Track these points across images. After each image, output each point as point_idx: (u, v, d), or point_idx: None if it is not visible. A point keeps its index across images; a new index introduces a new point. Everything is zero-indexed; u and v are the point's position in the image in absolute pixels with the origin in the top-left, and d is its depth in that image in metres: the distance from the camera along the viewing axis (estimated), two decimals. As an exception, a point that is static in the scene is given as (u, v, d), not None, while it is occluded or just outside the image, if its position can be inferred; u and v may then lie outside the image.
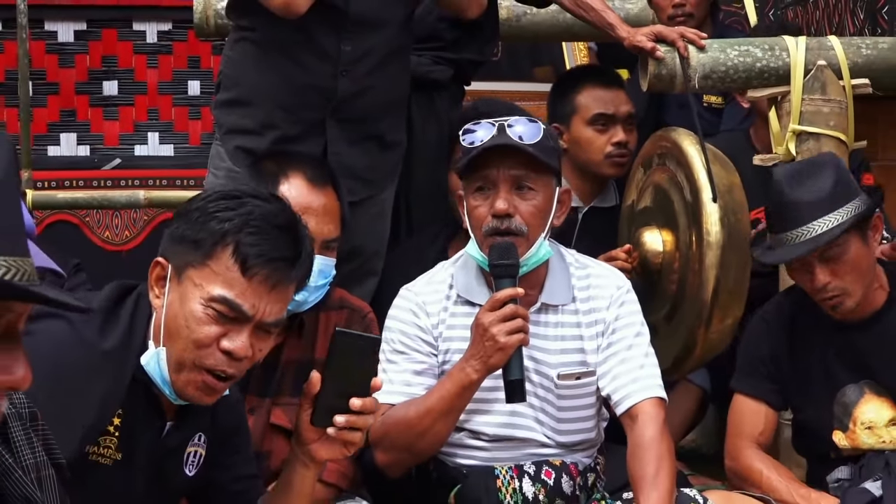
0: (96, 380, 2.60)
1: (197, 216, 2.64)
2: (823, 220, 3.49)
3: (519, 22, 4.94)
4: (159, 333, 2.63)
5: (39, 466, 2.25)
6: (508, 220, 3.30)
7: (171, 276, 2.64)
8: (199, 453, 2.86)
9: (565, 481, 3.42)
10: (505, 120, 3.34)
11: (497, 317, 3.18)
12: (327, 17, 3.80)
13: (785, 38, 4.21)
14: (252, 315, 2.60)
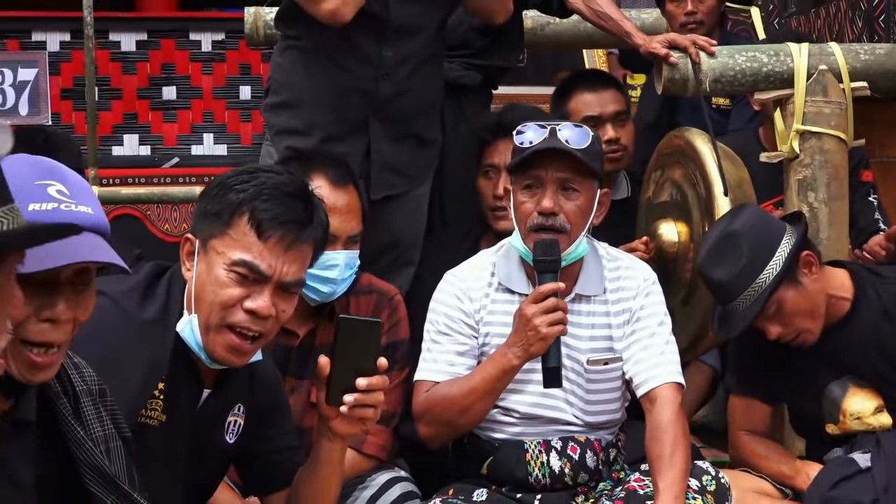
0: (141, 348, 2.63)
1: (216, 191, 2.70)
2: (746, 294, 3.48)
3: (543, 31, 4.93)
4: (191, 303, 2.67)
5: (108, 438, 2.27)
6: (553, 217, 3.29)
7: (199, 249, 2.68)
8: (239, 423, 2.87)
9: (589, 456, 3.41)
10: (556, 124, 3.35)
11: (540, 309, 3.18)
12: (370, 25, 3.79)
13: (789, 44, 4.20)
14: (270, 275, 2.63)
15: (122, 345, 2.57)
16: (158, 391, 2.66)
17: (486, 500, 3.37)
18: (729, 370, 3.90)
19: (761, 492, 3.55)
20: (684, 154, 4.21)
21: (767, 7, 6.12)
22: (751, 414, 3.76)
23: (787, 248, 3.49)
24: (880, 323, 3.62)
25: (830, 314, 3.59)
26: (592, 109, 4.43)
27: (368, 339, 2.68)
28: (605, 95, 4.50)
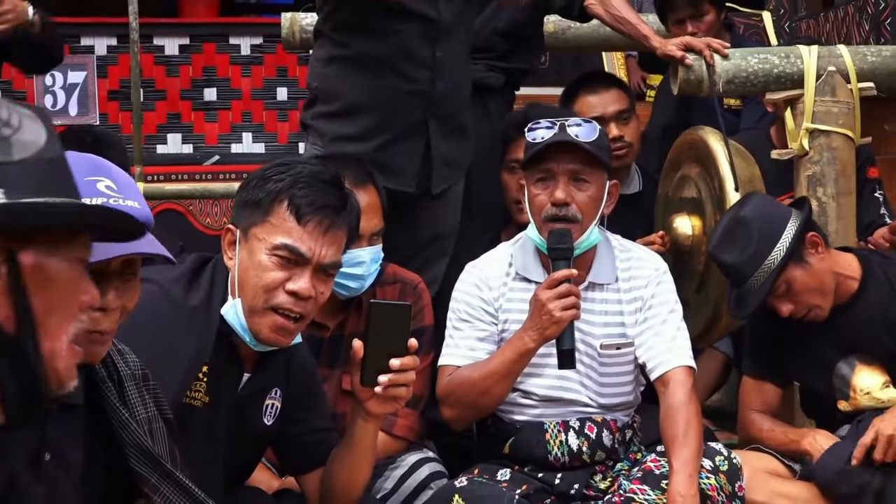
0: (187, 333, 2.66)
1: (255, 182, 2.73)
2: (757, 275, 3.47)
3: (564, 34, 4.92)
4: (234, 286, 2.71)
5: (151, 420, 2.28)
6: (566, 208, 3.31)
7: (240, 238, 2.72)
8: (276, 406, 2.89)
9: (606, 435, 3.42)
10: (565, 120, 3.37)
11: (554, 294, 3.19)
12: (422, 29, 3.79)
13: (799, 46, 4.19)
14: (310, 257, 2.67)
15: (169, 330, 2.60)
16: (203, 374, 2.69)
17: (509, 479, 3.37)
18: (744, 354, 3.88)
19: (772, 471, 3.54)
20: (699, 151, 4.20)
21: (778, 11, 6.10)
22: (762, 395, 3.74)
23: (793, 230, 3.49)
24: (888, 302, 3.61)
25: (839, 294, 3.59)
26: (595, 110, 4.42)
27: (399, 322, 2.70)
28: (607, 96, 4.49)
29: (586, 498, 3.38)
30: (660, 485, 3.25)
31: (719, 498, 3.27)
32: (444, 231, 4.00)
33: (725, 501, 3.28)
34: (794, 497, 3.48)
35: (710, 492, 3.25)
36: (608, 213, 3.47)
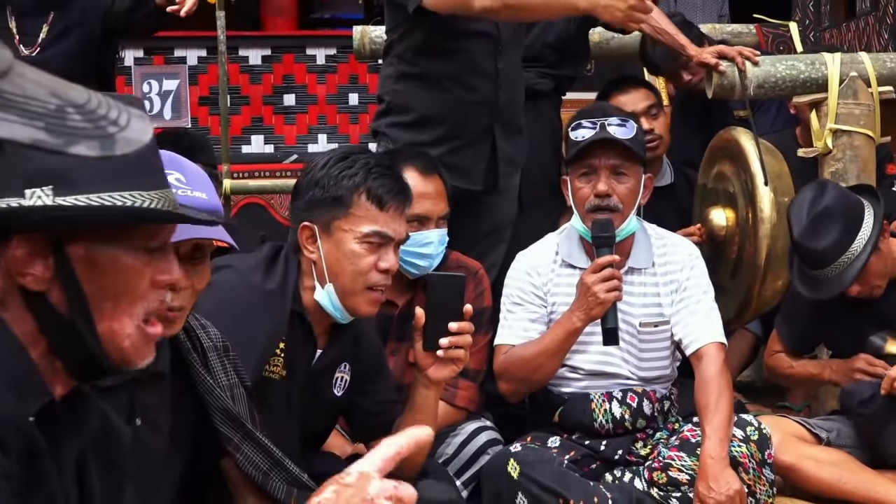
0: (265, 312, 2.68)
1: (326, 181, 2.74)
2: (839, 262, 3.46)
3: (608, 45, 4.90)
4: (322, 276, 2.73)
5: (232, 386, 2.30)
6: (608, 199, 3.32)
7: (320, 233, 2.73)
8: (345, 379, 2.91)
9: (646, 404, 3.43)
10: (605, 119, 3.36)
11: (598, 278, 3.19)
12: (485, 45, 3.78)
13: (823, 54, 4.17)
14: (394, 237, 2.73)
15: (249, 311, 2.62)
16: (280, 350, 2.71)
17: (558, 445, 3.38)
18: (777, 319, 3.88)
19: (799, 436, 3.53)
20: (731, 150, 4.19)
21: (804, 22, 6.05)
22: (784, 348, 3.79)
23: (872, 219, 3.50)
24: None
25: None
26: (626, 108, 4.39)
27: (455, 291, 2.73)
28: (635, 95, 4.45)
29: (628, 463, 3.38)
30: (695, 452, 3.24)
31: (750, 464, 3.26)
32: (502, 221, 4.00)
33: (756, 468, 3.27)
34: (819, 459, 3.46)
35: (741, 459, 3.24)
36: (644, 203, 3.47)
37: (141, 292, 1.47)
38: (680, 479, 3.24)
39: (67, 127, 0.72)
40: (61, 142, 0.71)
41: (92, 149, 0.72)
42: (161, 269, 1.48)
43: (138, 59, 6.21)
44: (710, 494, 3.12)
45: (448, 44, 3.77)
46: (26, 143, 0.70)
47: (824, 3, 6.07)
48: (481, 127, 3.82)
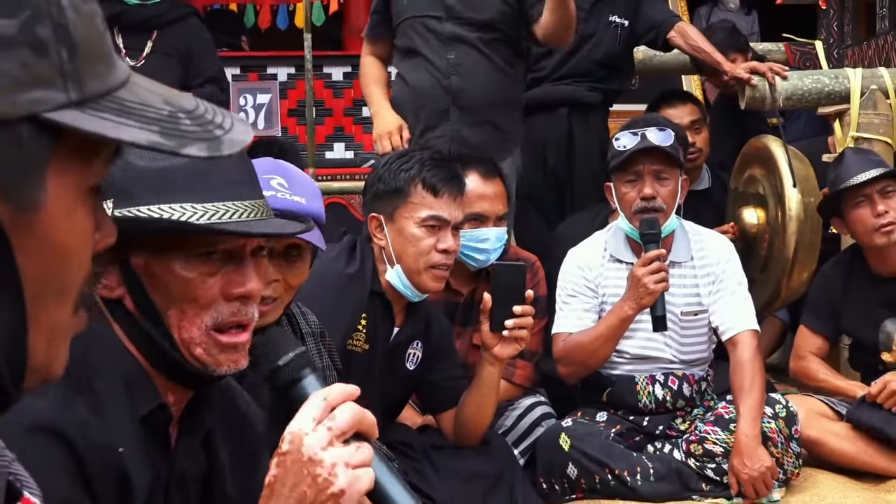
0: (347, 293, 2.73)
1: (387, 176, 2.79)
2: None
3: (651, 61, 4.87)
4: (392, 258, 2.78)
5: (325, 368, 2.31)
6: (653, 200, 3.29)
7: (385, 222, 2.78)
8: (417, 355, 2.93)
9: (685, 387, 3.40)
10: (646, 129, 3.34)
11: (648, 270, 3.17)
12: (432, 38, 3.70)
13: (846, 69, 4.15)
14: (450, 220, 2.76)
15: (334, 292, 2.67)
16: (362, 326, 2.75)
17: (606, 420, 3.37)
18: (805, 309, 3.82)
19: (823, 413, 3.50)
20: (762, 155, 4.17)
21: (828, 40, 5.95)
22: (813, 343, 3.71)
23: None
24: None
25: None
26: (674, 121, 4.34)
27: (517, 279, 2.76)
28: (683, 109, 4.41)
29: (668, 437, 3.36)
30: (728, 427, 3.23)
31: (779, 439, 3.24)
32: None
33: (784, 442, 3.26)
34: (839, 434, 3.43)
35: (770, 434, 3.22)
36: (682, 201, 3.43)
37: (206, 302, 1.36)
38: (715, 451, 3.23)
39: (180, 131, 0.71)
40: (175, 144, 0.70)
41: (201, 150, 0.71)
42: (233, 281, 1.38)
43: (235, 76, 6.24)
44: (744, 469, 3.11)
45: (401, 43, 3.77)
46: (144, 145, 0.69)
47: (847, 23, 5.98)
48: (441, 109, 3.69)
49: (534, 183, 4.13)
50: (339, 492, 1.18)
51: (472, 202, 3.21)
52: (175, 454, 1.41)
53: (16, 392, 0.71)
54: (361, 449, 1.21)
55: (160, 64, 4.20)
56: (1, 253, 0.67)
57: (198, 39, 4.43)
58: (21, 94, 0.65)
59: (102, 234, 0.76)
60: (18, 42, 0.65)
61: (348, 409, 1.22)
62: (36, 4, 0.66)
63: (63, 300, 0.72)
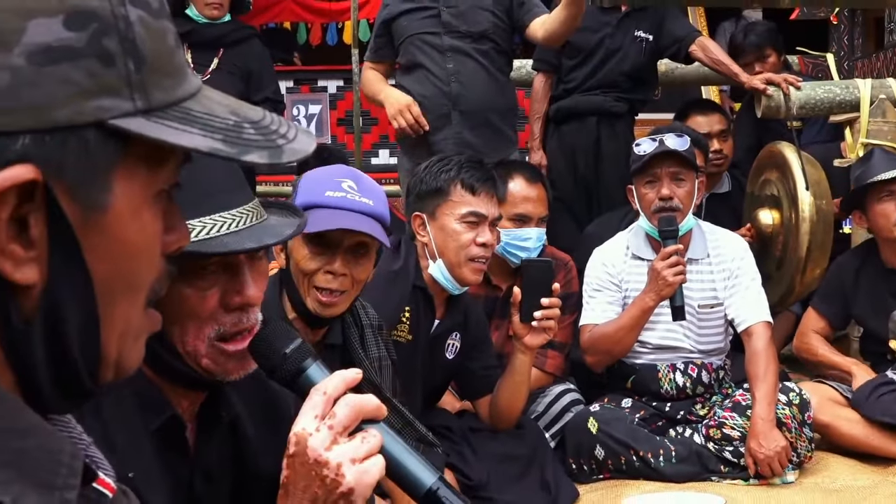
0: (393, 288, 2.73)
1: (428, 178, 2.81)
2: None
3: (673, 73, 4.85)
4: (434, 254, 2.78)
5: (381, 359, 2.32)
6: (670, 201, 3.29)
7: (428, 220, 2.79)
8: (456, 345, 2.93)
9: (704, 374, 3.39)
10: (663, 135, 3.34)
11: (667, 264, 3.16)
12: (433, 52, 3.75)
13: (856, 79, 4.10)
14: (487, 216, 2.76)
15: (381, 286, 2.65)
16: (406, 318, 2.76)
17: (630, 406, 3.36)
18: (817, 292, 3.79)
19: (834, 400, 3.48)
20: (777, 160, 4.13)
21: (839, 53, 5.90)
22: (818, 325, 3.69)
23: None
24: None
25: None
26: (703, 128, 4.32)
27: (545, 274, 2.77)
28: (712, 118, 4.39)
29: (689, 421, 3.35)
30: (745, 413, 3.21)
31: (793, 424, 3.22)
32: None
33: (797, 427, 3.23)
34: (850, 418, 3.41)
35: (785, 420, 3.20)
36: (698, 202, 3.43)
37: (206, 315, 1.29)
38: (732, 435, 3.21)
39: (243, 139, 0.71)
40: (236, 151, 0.70)
41: (262, 157, 0.71)
42: (231, 291, 1.30)
43: (289, 89, 6.28)
44: (760, 450, 3.09)
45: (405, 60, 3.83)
46: (205, 151, 0.69)
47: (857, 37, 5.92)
48: (443, 112, 3.74)
49: (564, 186, 4.14)
50: (348, 490, 1.12)
51: (516, 204, 3.26)
52: (195, 454, 1.37)
53: (92, 384, 0.71)
54: (367, 439, 1.13)
55: (224, 80, 4.26)
56: (71, 250, 0.67)
57: (259, 61, 4.49)
58: (88, 101, 0.65)
59: (177, 237, 0.75)
60: (86, 53, 0.65)
61: (348, 403, 1.14)
62: (103, 19, 0.66)
63: (133, 298, 0.72)
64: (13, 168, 0.63)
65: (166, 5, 0.72)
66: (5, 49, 0.63)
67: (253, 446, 1.43)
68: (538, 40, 3.77)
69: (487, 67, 3.76)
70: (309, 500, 1.13)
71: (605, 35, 4.16)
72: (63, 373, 0.69)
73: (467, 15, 3.75)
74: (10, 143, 0.63)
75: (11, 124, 0.63)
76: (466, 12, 3.75)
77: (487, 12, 3.75)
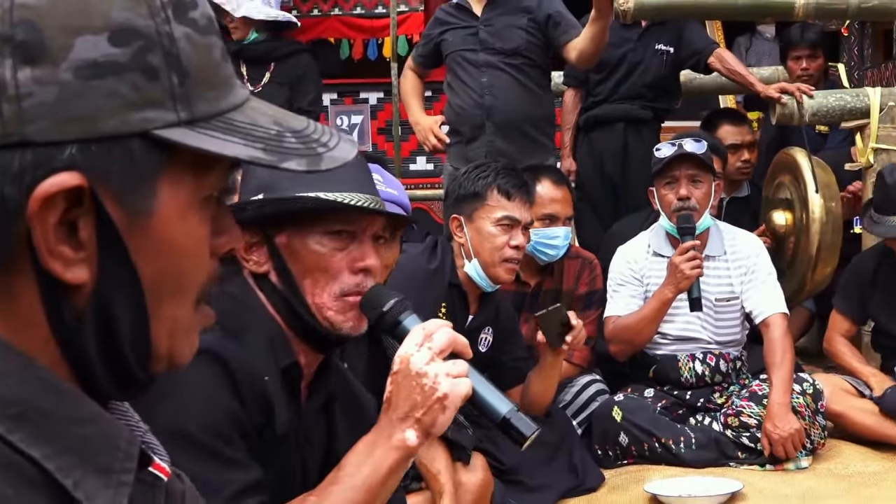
0: (429, 285, 2.75)
1: (466, 183, 2.82)
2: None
3: (692, 83, 4.82)
4: (470, 254, 2.79)
5: None
6: (688, 201, 3.28)
7: (465, 222, 2.80)
8: (488, 339, 2.92)
9: (722, 364, 3.37)
10: (682, 140, 3.34)
11: (684, 258, 3.16)
12: (470, 67, 3.79)
13: (866, 88, 4.05)
14: (521, 220, 2.77)
15: (419, 284, 2.67)
16: (442, 314, 2.76)
17: (653, 395, 3.35)
18: (837, 293, 3.74)
19: (846, 390, 3.44)
20: (790, 165, 4.09)
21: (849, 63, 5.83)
22: (843, 325, 3.64)
23: None
24: None
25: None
26: (735, 138, 4.32)
27: (558, 317, 2.72)
28: (743, 129, 4.40)
29: (708, 410, 3.33)
30: (761, 402, 3.19)
31: (806, 413, 3.21)
32: None
33: (811, 416, 3.22)
34: (861, 408, 3.37)
35: (799, 409, 3.19)
36: (715, 203, 3.41)
37: (335, 272, 1.43)
38: (749, 422, 3.19)
39: (283, 148, 0.70)
40: (275, 159, 0.69)
41: (300, 165, 0.70)
42: (356, 257, 1.45)
43: (333, 100, 6.30)
44: (775, 431, 3.08)
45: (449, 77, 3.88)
46: (245, 159, 0.69)
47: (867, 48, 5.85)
48: (478, 123, 3.76)
49: (592, 189, 4.15)
50: (444, 395, 1.25)
51: (544, 204, 3.26)
52: (305, 409, 1.48)
53: (145, 376, 0.71)
54: (458, 363, 1.27)
55: (273, 90, 4.33)
56: (118, 252, 0.67)
57: (305, 71, 4.53)
58: (133, 113, 0.65)
59: (227, 239, 0.75)
60: (131, 68, 0.65)
61: (444, 333, 1.29)
62: (148, 36, 0.66)
63: (181, 297, 0.71)
64: (60, 175, 0.63)
65: (215, 23, 0.72)
66: (53, 65, 0.63)
67: (339, 433, 1.52)
68: (572, 61, 3.79)
69: (520, 80, 3.78)
70: (409, 406, 1.26)
71: (628, 50, 4.14)
72: (116, 366, 0.69)
73: (502, 33, 3.77)
74: (58, 152, 0.64)
75: (59, 135, 0.64)
76: (502, 30, 3.78)
77: (522, 31, 3.77)
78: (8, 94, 0.63)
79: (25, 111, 0.63)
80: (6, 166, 0.63)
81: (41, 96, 0.63)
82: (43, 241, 0.64)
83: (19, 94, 0.63)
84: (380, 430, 1.28)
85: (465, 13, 3.86)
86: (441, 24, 3.92)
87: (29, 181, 0.63)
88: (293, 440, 1.45)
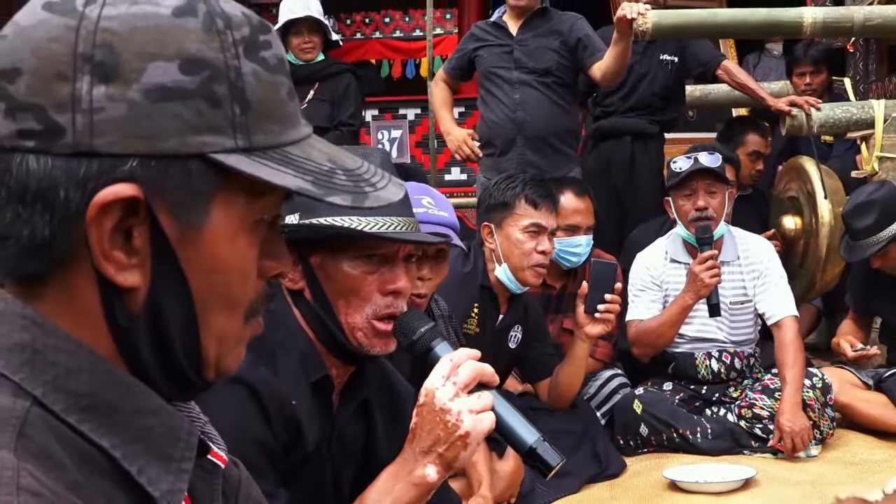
0: (464, 288, 2.74)
1: (496, 193, 2.81)
2: (870, 239, 3.32)
3: (707, 97, 4.78)
4: (500, 258, 2.78)
5: (453, 345, 2.30)
6: (705, 211, 3.26)
7: (495, 229, 2.80)
8: (518, 337, 2.92)
9: (737, 361, 3.34)
10: (697, 154, 3.31)
11: (704, 267, 3.13)
12: (504, 84, 3.75)
13: (871, 100, 4.00)
14: (547, 227, 2.76)
15: (454, 287, 2.65)
16: (474, 314, 2.76)
17: (671, 389, 3.32)
18: (847, 292, 3.70)
19: (853, 383, 3.40)
20: (799, 172, 4.07)
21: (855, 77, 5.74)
22: (853, 322, 3.61)
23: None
24: None
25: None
26: (760, 147, 4.33)
27: (610, 273, 2.77)
28: (763, 141, 4.37)
29: (723, 402, 3.30)
30: (773, 395, 3.16)
31: (816, 405, 3.17)
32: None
33: (820, 408, 3.18)
34: (868, 399, 3.33)
35: (809, 402, 3.15)
36: (730, 211, 3.39)
37: (366, 295, 1.38)
38: (762, 414, 3.16)
39: (332, 183, 0.70)
40: (322, 192, 0.69)
41: (345, 200, 0.70)
42: (388, 279, 1.39)
43: (374, 116, 6.32)
44: (787, 424, 3.05)
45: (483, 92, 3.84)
46: (293, 189, 0.69)
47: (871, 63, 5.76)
48: (510, 137, 3.73)
49: (598, 196, 4.09)
50: (465, 433, 1.20)
51: (568, 215, 3.23)
52: (337, 416, 1.44)
53: (198, 380, 0.71)
54: (483, 396, 1.22)
55: (316, 107, 4.30)
56: (170, 261, 0.67)
57: (346, 90, 4.52)
58: (194, 136, 0.66)
59: (277, 264, 0.74)
60: (196, 95, 0.66)
61: (469, 366, 1.24)
62: (217, 68, 0.67)
63: (230, 310, 0.71)
64: (118, 185, 0.64)
65: (286, 64, 0.72)
66: (126, 85, 0.65)
67: (378, 432, 1.48)
68: (597, 80, 3.76)
69: (550, 98, 3.76)
70: (432, 440, 1.21)
71: (634, 62, 4.10)
72: (170, 369, 0.70)
73: (536, 53, 3.74)
74: (121, 163, 0.65)
75: (123, 148, 0.65)
76: (535, 51, 3.75)
77: (554, 52, 3.74)
78: (82, 108, 0.64)
79: (96, 124, 0.64)
80: (73, 172, 0.64)
81: (111, 112, 0.64)
82: (98, 244, 0.65)
83: (92, 108, 0.64)
84: (403, 463, 1.24)
85: (501, 32, 3.82)
86: (476, 41, 3.88)
87: (91, 188, 0.64)
88: (325, 452, 1.41)
